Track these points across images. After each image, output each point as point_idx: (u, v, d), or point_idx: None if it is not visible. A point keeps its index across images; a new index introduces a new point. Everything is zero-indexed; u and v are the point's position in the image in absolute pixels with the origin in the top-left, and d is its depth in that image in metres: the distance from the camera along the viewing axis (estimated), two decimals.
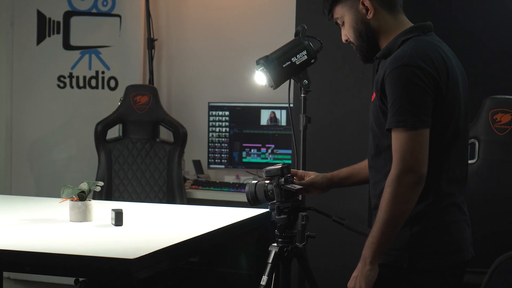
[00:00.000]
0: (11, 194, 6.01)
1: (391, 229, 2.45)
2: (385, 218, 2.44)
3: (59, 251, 2.61)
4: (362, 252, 2.49)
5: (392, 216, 2.43)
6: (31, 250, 2.61)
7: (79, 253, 2.57)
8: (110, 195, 5.44)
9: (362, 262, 2.49)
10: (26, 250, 2.62)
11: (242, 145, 5.65)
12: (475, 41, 5.11)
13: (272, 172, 2.83)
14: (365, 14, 2.68)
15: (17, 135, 6.26)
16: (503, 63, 5.09)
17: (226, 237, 3.31)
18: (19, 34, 6.24)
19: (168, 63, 6.10)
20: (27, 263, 2.59)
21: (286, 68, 3.20)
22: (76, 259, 2.53)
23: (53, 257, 2.55)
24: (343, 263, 4.20)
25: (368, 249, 2.47)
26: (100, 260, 2.50)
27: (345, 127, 4.30)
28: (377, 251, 2.46)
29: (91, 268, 2.51)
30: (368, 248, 2.47)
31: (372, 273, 2.47)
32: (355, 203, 4.20)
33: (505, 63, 5.09)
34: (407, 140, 2.44)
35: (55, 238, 2.92)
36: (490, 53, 5.12)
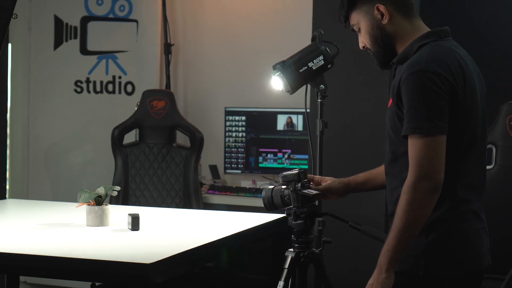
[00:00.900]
0: (28, 199, 6.03)
1: (407, 236, 2.43)
2: (401, 225, 2.42)
3: (75, 255, 2.61)
4: (378, 260, 2.48)
5: (408, 223, 2.42)
6: (47, 255, 2.62)
7: (95, 258, 2.58)
8: (126, 200, 5.45)
9: (378, 269, 2.47)
10: (43, 254, 2.63)
11: (259, 150, 5.65)
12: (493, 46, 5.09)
13: (288, 177, 2.83)
14: (381, 20, 2.67)
15: (34, 139, 6.28)
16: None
17: (242, 242, 3.31)
18: (36, 39, 6.27)
19: (184, 68, 6.11)
20: (44, 267, 2.60)
21: (302, 73, 3.20)
22: (92, 263, 2.54)
23: (70, 262, 2.56)
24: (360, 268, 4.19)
25: (384, 257, 2.46)
26: (117, 264, 2.50)
27: (362, 132, 4.29)
28: (393, 258, 2.45)
29: (108, 272, 2.51)
30: (384, 255, 2.46)
31: (388, 281, 2.45)
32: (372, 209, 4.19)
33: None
34: (423, 147, 2.43)
35: (71, 243, 2.93)
36: (509, 59, 5.10)
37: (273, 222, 3.49)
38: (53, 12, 6.19)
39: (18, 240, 2.96)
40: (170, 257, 2.61)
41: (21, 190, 6.30)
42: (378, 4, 2.66)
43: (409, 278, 2.53)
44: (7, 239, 2.98)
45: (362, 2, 2.70)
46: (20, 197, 6.13)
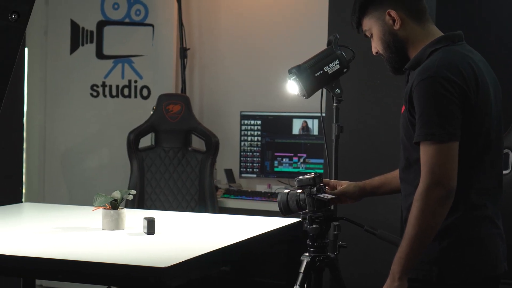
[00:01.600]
0: (44, 202, 6.05)
1: (419, 244, 2.42)
2: (413, 233, 2.41)
3: (91, 259, 2.62)
4: (391, 267, 2.46)
5: (421, 230, 2.40)
6: (63, 258, 2.62)
7: (111, 261, 2.58)
8: (142, 204, 5.46)
9: (391, 277, 2.46)
10: (59, 258, 2.63)
11: (274, 154, 5.65)
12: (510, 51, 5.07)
13: (304, 181, 2.82)
14: (392, 25, 2.66)
15: (50, 143, 6.31)
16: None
17: (257, 246, 3.30)
18: (52, 43, 6.30)
19: (200, 72, 6.12)
20: (60, 271, 2.60)
21: (318, 77, 3.19)
22: (108, 267, 2.54)
23: (86, 265, 2.56)
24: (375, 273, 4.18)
25: (396, 264, 2.45)
26: (132, 268, 2.50)
27: (377, 136, 4.28)
28: (406, 266, 2.43)
29: (123, 276, 2.52)
30: (397, 263, 2.45)
31: None
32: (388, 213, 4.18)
33: None
34: (435, 153, 2.41)
35: (87, 246, 2.93)
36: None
37: (289, 226, 3.49)
38: (70, 17, 6.22)
39: (34, 244, 2.97)
40: (185, 261, 2.61)
41: (37, 194, 6.32)
42: (390, 10, 2.65)
43: (422, 285, 2.52)
44: (23, 242, 2.99)
45: (374, 8, 2.69)
46: (36, 200, 6.15)
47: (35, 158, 6.38)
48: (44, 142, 6.33)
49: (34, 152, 6.38)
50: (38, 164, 6.35)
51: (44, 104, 6.32)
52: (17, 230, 3.33)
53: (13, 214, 3.92)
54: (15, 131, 5.37)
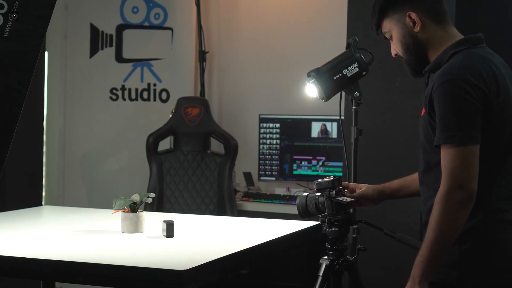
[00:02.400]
0: (63, 205, 6.07)
1: (440, 247, 2.41)
2: (434, 236, 2.40)
3: (111, 262, 2.63)
4: (412, 271, 2.45)
5: (441, 234, 2.39)
6: (83, 261, 2.63)
7: (130, 264, 2.59)
8: (161, 207, 5.47)
9: (411, 281, 2.45)
10: (79, 260, 2.64)
11: (293, 157, 5.64)
12: None
13: (323, 184, 2.82)
14: (412, 27, 2.65)
15: (70, 146, 6.33)
16: None
17: (276, 249, 3.30)
18: (72, 47, 6.32)
19: (219, 76, 6.12)
20: (79, 273, 2.61)
21: (337, 80, 3.19)
22: (127, 270, 2.55)
23: (105, 268, 2.57)
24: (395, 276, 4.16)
25: (417, 268, 2.44)
26: (152, 271, 2.51)
27: (396, 139, 4.27)
28: (426, 270, 2.42)
29: (142, 279, 2.52)
30: (417, 267, 2.44)
31: None
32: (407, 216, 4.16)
33: None
34: (455, 157, 2.40)
35: (107, 249, 2.94)
36: None
37: (308, 229, 3.48)
38: (89, 21, 6.24)
39: (53, 247, 2.98)
40: (204, 264, 2.62)
41: (57, 197, 6.34)
42: (410, 12, 2.64)
43: None
44: (43, 245, 3.00)
45: (394, 10, 2.69)
46: (56, 203, 6.18)
47: (55, 161, 6.40)
48: (63, 145, 6.35)
49: (54, 155, 6.41)
50: (58, 167, 6.37)
51: (64, 108, 6.34)
52: (37, 233, 3.34)
53: (33, 217, 3.94)
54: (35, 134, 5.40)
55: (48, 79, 6.27)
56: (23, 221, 3.69)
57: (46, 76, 6.18)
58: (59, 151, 6.36)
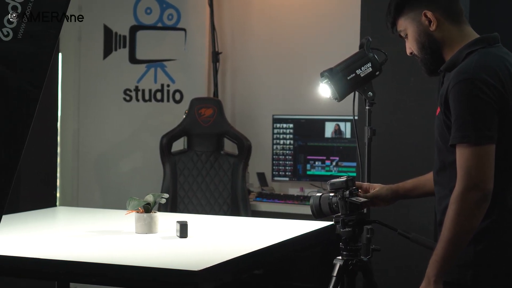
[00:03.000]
0: (78, 206, 6.09)
1: (455, 247, 2.40)
2: (449, 236, 2.40)
3: (125, 262, 2.63)
4: (426, 270, 2.45)
5: (456, 234, 2.39)
6: (97, 262, 2.64)
7: (144, 265, 2.59)
8: (175, 207, 5.48)
9: (426, 280, 2.44)
10: (93, 261, 2.65)
11: (307, 158, 5.64)
12: None
13: (336, 184, 2.82)
14: (428, 26, 2.65)
15: (83, 147, 6.35)
16: None
17: (290, 250, 3.30)
18: (86, 48, 6.34)
19: (232, 76, 6.13)
20: (94, 274, 2.62)
21: (350, 80, 3.18)
22: (141, 270, 2.55)
23: (119, 269, 2.58)
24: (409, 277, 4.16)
25: (432, 268, 2.43)
26: (166, 271, 2.51)
27: (410, 139, 4.26)
28: (441, 269, 2.42)
29: (157, 279, 2.53)
30: (432, 266, 2.43)
31: None
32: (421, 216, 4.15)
33: None
34: (471, 156, 2.39)
35: (121, 250, 2.95)
36: None
37: (321, 229, 3.48)
38: (103, 22, 6.26)
39: (68, 247, 2.99)
40: (218, 264, 2.62)
41: (71, 198, 6.36)
42: (426, 11, 2.64)
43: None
44: (57, 246, 3.01)
45: (410, 8, 2.68)
46: (70, 204, 6.20)
47: (69, 163, 6.42)
48: (77, 147, 6.37)
49: (68, 157, 6.43)
50: (72, 168, 6.39)
51: (77, 109, 6.36)
52: (51, 234, 3.35)
53: (47, 218, 3.95)
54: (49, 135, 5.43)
55: (62, 81, 6.29)
56: (37, 222, 3.70)
57: (60, 77, 6.20)
58: (73, 152, 6.38)
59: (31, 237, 3.20)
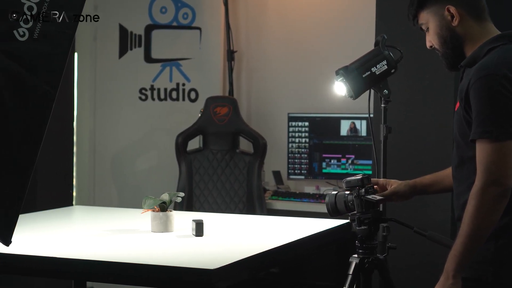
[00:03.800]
0: (94, 205, 6.11)
1: (474, 242, 2.40)
2: (468, 231, 2.40)
3: (140, 261, 2.64)
4: (445, 265, 2.45)
5: (476, 229, 2.39)
6: (113, 260, 2.65)
7: (160, 264, 2.60)
8: (190, 206, 5.48)
9: (445, 275, 2.44)
10: (109, 260, 2.66)
11: (322, 156, 5.63)
12: None
13: (352, 182, 2.81)
14: (450, 21, 2.64)
15: (100, 147, 6.37)
16: None
17: (306, 248, 3.30)
18: (101, 48, 6.36)
19: (247, 75, 6.13)
20: (110, 273, 2.63)
21: (366, 78, 3.18)
22: (157, 269, 2.56)
23: (135, 267, 2.59)
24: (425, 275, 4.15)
25: (450, 262, 2.43)
26: (181, 270, 2.52)
27: (426, 137, 4.25)
28: (460, 264, 2.42)
29: (172, 278, 2.53)
30: (451, 261, 2.43)
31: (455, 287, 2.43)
32: (438, 214, 4.14)
33: None
34: (491, 152, 2.39)
35: (137, 249, 2.96)
36: None
37: (337, 228, 3.48)
38: (118, 21, 6.27)
39: (84, 246, 3.00)
40: (234, 263, 2.62)
41: (88, 197, 6.38)
42: (449, 6, 2.64)
43: (477, 285, 2.50)
44: (74, 245, 3.02)
45: (433, 2, 2.68)
46: (86, 203, 6.22)
47: (85, 162, 6.44)
48: (94, 146, 6.39)
49: (84, 156, 6.45)
50: (88, 167, 6.41)
51: (93, 108, 6.38)
52: (68, 233, 3.37)
53: (64, 217, 3.97)
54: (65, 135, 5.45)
55: (77, 80, 6.31)
56: (54, 221, 3.72)
57: (76, 77, 6.22)
58: (89, 152, 6.40)
59: (48, 236, 3.22)
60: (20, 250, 2.79)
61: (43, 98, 2.70)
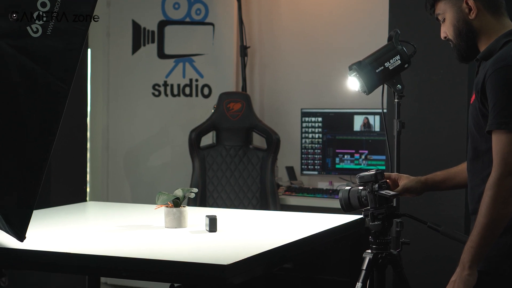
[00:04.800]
0: (108, 201, 6.13)
1: (490, 233, 2.40)
2: (484, 222, 2.39)
3: (154, 257, 2.64)
4: (461, 257, 2.45)
5: (492, 220, 2.39)
6: (127, 256, 2.65)
7: (174, 259, 2.60)
8: (204, 202, 5.49)
9: (461, 266, 2.44)
10: (123, 256, 2.66)
11: (335, 151, 5.63)
12: None
13: (365, 178, 2.81)
14: (468, 14, 2.64)
15: (113, 143, 6.38)
16: None
17: (319, 243, 3.30)
18: (115, 44, 6.37)
19: (260, 70, 6.13)
20: (124, 268, 2.63)
21: (379, 73, 3.17)
22: (171, 265, 2.56)
23: (149, 263, 2.59)
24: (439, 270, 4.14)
25: (467, 254, 2.43)
26: (195, 265, 2.52)
27: (440, 132, 4.24)
28: (476, 255, 2.42)
29: (186, 273, 2.53)
30: (467, 252, 2.43)
31: (471, 278, 2.43)
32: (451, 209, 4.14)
33: None
34: (508, 143, 2.40)
35: (150, 244, 2.96)
36: None
37: (351, 223, 3.48)
38: (131, 17, 6.28)
39: (98, 242, 3.01)
40: (247, 258, 2.62)
41: (101, 193, 6.40)
42: None
43: (494, 278, 2.50)
44: (88, 241, 3.03)
45: None
46: (100, 199, 6.24)
47: (98, 158, 6.46)
48: (107, 142, 6.41)
49: (97, 152, 6.47)
50: (102, 163, 6.43)
51: (107, 104, 6.40)
52: (82, 228, 3.38)
53: (78, 212, 3.98)
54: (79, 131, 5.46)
55: (91, 76, 6.33)
56: (68, 217, 3.73)
57: (89, 73, 6.24)
58: (102, 148, 6.42)
59: (61, 232, 3.23)
60: (34, 246, 2.80)
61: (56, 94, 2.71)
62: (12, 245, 2.79)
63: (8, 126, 2.68)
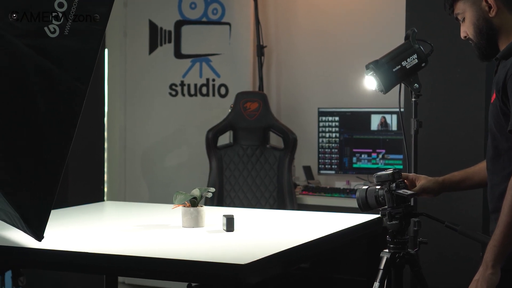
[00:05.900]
0: (125, 201, 6.14)
1: None
2: (507, 220, 2.38)
3: (172, 256, 2.65)
4: (484, 256, 2.44)
5: None
6: (145, 256, 2.66)
7: (191, 259, 2.61)
8: (221, 201, 5.49)
9: (484, 265, 2.43)
10: (141, 255, 2.67)
11: (353, 151, 5.62)
12: None
13: (383, 177, 2.80)
14: (487, 12, 2.63)
15: (130, 143, 6.40)
16: None
17: (337, 243, 3.29)
18: (131, 44, 6.39)
19: (277, 70, 6.12)
20: (142, 268, 2.64)
21: (396, 72, 3.17)
22: (188, 264, 2.57)
23: (166, 262, 2.60)
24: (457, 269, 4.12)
25: (490, 253, 2.42)
26: (212, 265, 2.52)
27: (457, 131, 4.23)
28: (499, 254, 2.41)
29: (203, 273, 2.54)
30: (490, 251, 2.42)
31: (494, 277, 2.41)
32: (469, 209, 4.12)
33: None
34: None
35: (168, 244, 2.97)
36: None
37: (368, 222, 3.47)
38: (148, 17, 6.30)
39: (116, 242, 3.01)
40: (264, 258, 2.62)
41: (119, 193, 6.42)
42: None
43: None
44: (105, 240, 3.04)
45: None
46: (117, 199, 6.25)
47: (116, 158, 6.48)
48: (124, 142, 6.42)
49: (115, 152, 6.49)
50: (119, 163, 6.45)
51: (124, 104, 6.42)
52: (99, 228, 3.39)
53: (95, 212, 3.99)
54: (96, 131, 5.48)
55: (108, 76, 6.35)
56: (85, 217, 3.74)
57: (106, 73, 6.26)
58: (120, 147, 6.44)
59: (79, 232, 3.24)
60: (52, 246, 2.81)
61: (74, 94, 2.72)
62: (30, 244, 2.81)
63: (26, 126, 2.69)
